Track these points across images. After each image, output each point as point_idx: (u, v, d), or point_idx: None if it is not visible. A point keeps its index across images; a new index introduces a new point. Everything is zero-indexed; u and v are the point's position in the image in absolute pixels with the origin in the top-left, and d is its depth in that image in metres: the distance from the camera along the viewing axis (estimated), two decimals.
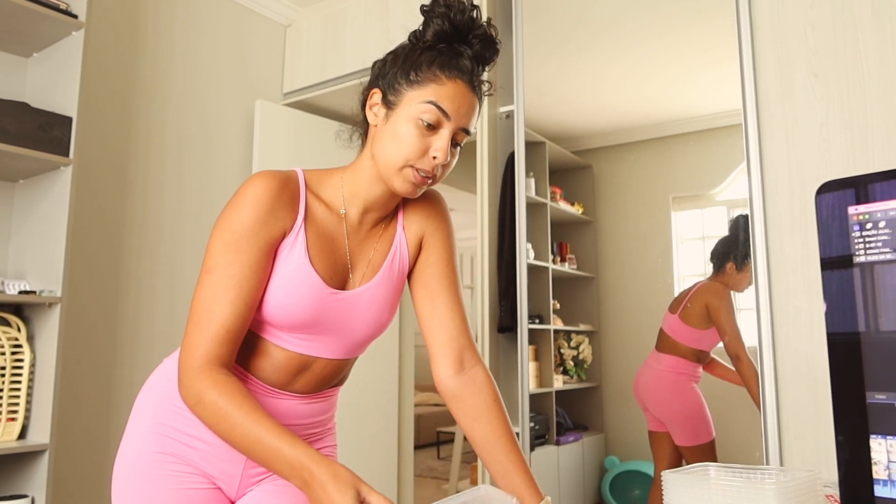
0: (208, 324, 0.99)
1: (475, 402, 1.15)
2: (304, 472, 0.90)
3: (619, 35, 2.61)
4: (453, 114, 1.05)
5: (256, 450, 0.93)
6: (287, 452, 0.92)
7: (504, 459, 1.11)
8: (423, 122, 1.04)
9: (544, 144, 2.71)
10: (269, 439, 0.93)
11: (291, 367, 1.11)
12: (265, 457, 0.93)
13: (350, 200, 1.14)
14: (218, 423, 0.96)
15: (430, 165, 1.06)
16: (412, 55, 1.08)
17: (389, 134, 1.06)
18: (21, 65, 2.40)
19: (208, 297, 1.00)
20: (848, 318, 0.67)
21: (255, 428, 0.94)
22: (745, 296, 2.15)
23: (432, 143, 1.05)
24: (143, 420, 1.14)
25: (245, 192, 1.04)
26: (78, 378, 2.45)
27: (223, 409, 0.95)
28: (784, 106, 1.95)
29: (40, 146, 2.09)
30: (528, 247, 2.55)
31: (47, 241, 2.18)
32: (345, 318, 1.12)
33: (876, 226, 0.66)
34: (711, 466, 0.96)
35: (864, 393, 0.65)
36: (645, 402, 2.38)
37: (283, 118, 3.17)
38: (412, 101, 1.05)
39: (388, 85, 1.09)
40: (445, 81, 1.05)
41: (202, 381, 0.97)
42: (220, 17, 3.09)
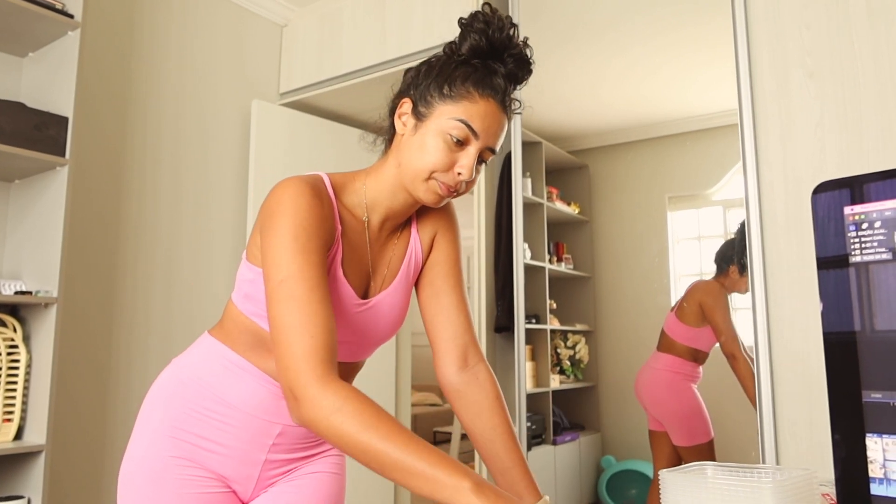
0: (307, 331, 0.91)
1: (477, 398, 1.17)
2: (477, 479, 0.83)
3: (615, 36, 2.62)
4: (482, 133, 1.05)
5: (415, 461, 0.84)
6: (453, 463, 0.84)
7: (504, 456, 1.12)
8: (452, 137, 1.04)
9: (541, 144, 2.71)
10: (428, 455, 0.84)
11: None
12: (424, 468, 0.83)
13: (372, 207, 1.13)
14: (361, 432, 0.85)
15: (454, 181, 1.06)
16: (446, 68, 1.07)
17: (417, 145, 1.06)
18: (17, 64, 2.39)
19: (295, 306, 0.93)
20: (844, 317, 0.67)
21: (410, 441, 0.85)
22: (740, 295, 2.16)
23: (459, 158, 1.05)
24: (154, 422, 1.12)
25: (292, 200, 0.99)
26: (74, 379, 2.44)
27: (374, 417, 0.86)
28: (779, 106, 1.95)
29: (36, 146, 2.09)
30: (525, 247, 2.55)
31: (43, 242, 2.17)
32: (368, 325, 1.12)
33: (872, 226, 0.66)
34: (708, 465, 0.97)
35: (860, 392, 0.65)
36: (644, 402, 2.38)
37: (279, 118, 3.17)
38: (443, 115, 1.05)
39: (420, 96, 1.08)
40: (478, 100, 1.05)
41: (336, 391, 0.88)
42: (216, 17, 3.08)
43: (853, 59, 1.84)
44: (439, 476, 0.82)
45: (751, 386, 1.98)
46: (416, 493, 0.86)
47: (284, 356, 0.91)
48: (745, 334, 2.10)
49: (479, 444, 1.15)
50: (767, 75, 1.98)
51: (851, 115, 1.83)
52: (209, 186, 2.97)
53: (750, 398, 1.99)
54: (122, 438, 2.56)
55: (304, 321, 0.92)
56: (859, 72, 1.83)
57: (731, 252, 2.23)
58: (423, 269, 1.23)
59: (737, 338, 2.16)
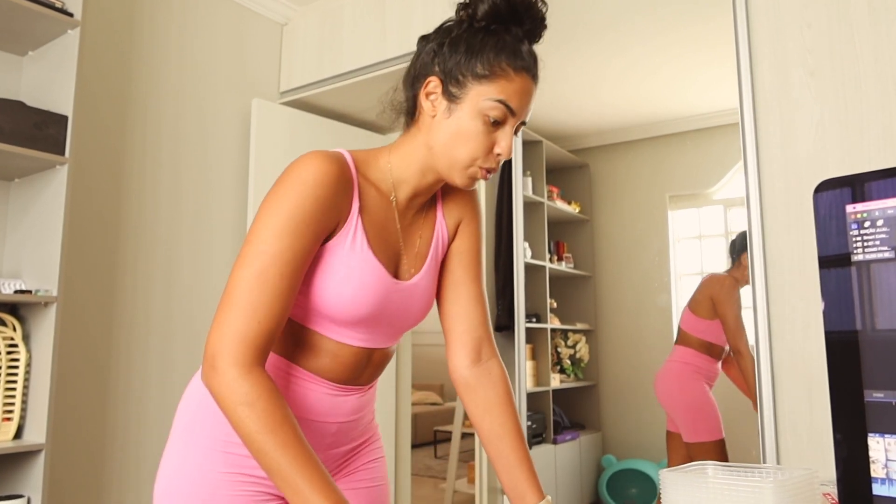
0: (258, 313, 0.91)
1: (488, 394, 1.17)
2: None
3: (616, 35, 2.61)
4: (518, 110, 1.04)
5: (293, 478, 0.87)
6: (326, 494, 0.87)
7: (510, 454, 1.13)
8: (490, 118, 1.02)
9: (541, 143, 2.71)
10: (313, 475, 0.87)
11: (358, 362, 1.08)
12: (298, 488, 0.87)
13: (399, 186, 1.10)
14: (262, 433, 0.88)
15: (495, 162, 1.06)
16: (473, 41, 1.04)
17: (455, 130, 1.04)
18: (17, 63, 2.39)
19: (258, 282, 0.92)
20: (846, 316, 0.67)
21: (304, 457, 0.88)
22: (742, 294, 2.16)
23: (497, 139, 1.04)
24: (202, 438, 1.06)
25: (304, 174, 0.97)
26: (74, 377, 2.44)
27: (278, 423, 0.89)
28: (780, 105, 1.95)
29: (36, 145, 2.09)
30: (525, 245, 2.55)
31: (43, 240, 2.17)
32: (402, 308, 1.10)
33: (874, 224, 0.66)
34: (709, 465, 0.96)
35: (862, 391, 0.65)
36: (658, 397, 2.36)
37: (279, 117, 3.16)
38: (479, 96, 1.02)
39: (450, 75, 1.04)
40: (514, 77, 1.03)
41: (254, 385, 0.90)
42: (216, 16, 3.08)
43: (854, 58, 1.83)
44: (312, 500, 0.86)
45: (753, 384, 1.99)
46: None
47: (223, 325, 0.91)
48: (747, 332, 2.10)
49: (486, 441, 1.16)
50: (768, 74, 1.98)
51: (852, 113, 1.82)
52: (209, 185, 2.97)
53: (750, 396, 1.99)
54: (122, 437, 2.56)
55: (258, 303, 0.92)
56: (860, 70, 1.82)
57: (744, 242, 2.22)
58: (446, 256, 1.21)
59: (744, 334, 2.15)
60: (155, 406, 2.68)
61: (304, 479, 0.86)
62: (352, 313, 1.02)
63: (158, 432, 2.68)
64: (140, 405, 2.63)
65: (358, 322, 1.04)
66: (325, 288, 1.00)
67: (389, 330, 1.10)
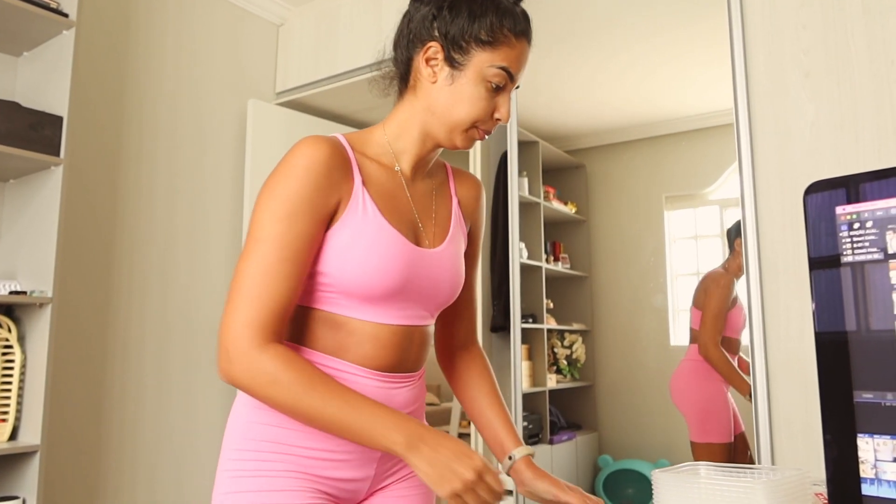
0: (263, 297, 0.93)
1: (470, 370, 1.27)
2: (413, 434, 0.90)
3: (611, 35, 2.62)
4: (517, 75, 1.07)
5: (352, 421, 0.90)
6: (390, 417, 0.91)
7: (487, 413, 1.22)
8: (493, 84, 1.04)
9: (537, 144, 2.71)
10: (368, 407, 0.91)
11: (401, 343, 1.06)
12: (362, 427, 0.90)
13: (400, 155, 1.11)
14: (300, 400, 0.90)
15: (493, 126, 1.09)
16: (474, 6, 1.05)
17: (457, 94, 1.05)
18: (11, 64, 2.38)
19: (261, 269, 0.93)
20: (836, 317, 0.67)
21: (349, 398, 0.91)
22: (738, 293, 2.16)
23: (498, 104, 1.07)
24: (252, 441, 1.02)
25: (297, 157, 0.98)
26: (69, 379, 2.44)
27: (306, 383, 0.90)
28: (775, 105, 1.95)
29: (31, 146, 2.08)
30: (522, 246, 2.55)
31: (38, 241, 2.17)
32: (432, 277, 1.08)
33: (863, 226, 0.66)
34: (701, 465, 0.96)
35: (852, 392, 0.65)
36: (672, 398, 2.34)
37: (275, 117, 3.16)
38: (483, 63, 1.04)
39: (453, 42, 1.04)
40: (515, 43, 1.05)
41: (273, 359, 0.91)
42: (212, 16, 3.08)
43: (849, 59, 1.84)
44: (375, 434, 0.90)
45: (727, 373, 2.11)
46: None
47: (231, 316, 0.93)
48: (741, 334, 2.10)
49: (467, 406, 1.25)
50: (763, 75, 1.98)
51: (847, 114, 1.83)
52: (205, 186, 2.97)
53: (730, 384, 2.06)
54: (117, 439, 2.56)
55: (262, 288, 0.93)
56: (855, 71, 1.83)
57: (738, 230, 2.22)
58: None
59: (713, 326, 2.16)
60: (150, 407, 2.68)
61: (357, 419, 0.90)
62: (380, 284, 1.01)
63: (153, 433, 2.68)
64: (135, 406, 2.63)
65: (389, 294, 1.02)
66: (349, 264, 0.99)
67: (422, 302, 1.08)
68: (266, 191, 0.98)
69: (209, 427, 2.87)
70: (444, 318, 1.25)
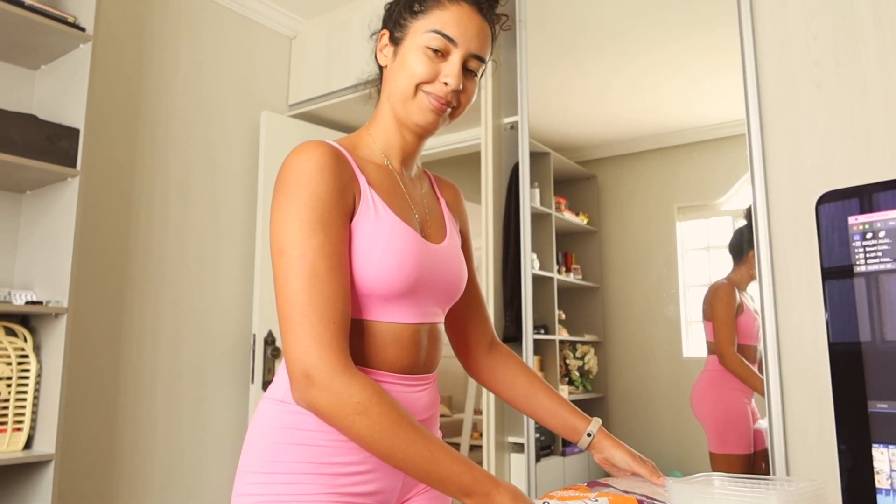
0: (329, 313, 0.89)
1: (510, 368, 1.28)
2: (484, 486, 0.89)
3: (622, 45, 2.62)
4: (460, 38, 1.03)
5: (437, 463, 0.88)
6: (469, 464, 0.90)
7: (548, 403, 1.24)
8: (430, 49, 1.02)
9: (549, 155, 2.72)
10: (445, 455, 0.89)
11: (419, 342, 1.05)
12: (440, 473, 0.89)
13: (388, 153, 1.11)
14: (386, 435, 0.87)
15: (443, 91, 1.03)
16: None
17: (398, 67, 1.05)
18: (29, 77, 2.42)
19: (315, 284, 0.89)
20: (849, 327, 0.67)
21: (430, 443, 0.89)
22: (751, 301, 2.15)
23: (442, 69, 1.03)
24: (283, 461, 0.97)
25: (304, 163, 0.96)
26: (83, 388, 2.46)
27: (395, 422, 0.88)
28: (787, 116, 1.95)
29: (48, 157, 2.11)
30: (533, 257, 2.55)
31: (54, 252, 2.19)
32: (442, 271, 1.08)
33: (876, 235, 0.66)
34: (715, 476, 0.96)
35: (866, 402, 0.65)
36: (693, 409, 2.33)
37: (288, 129, 3.19)
38: (417, 31, 1.04)
39: (395, 23, 1.08)
40: (448, 6, 1.04)
41: (363, 389, 0.88)
42: (225, 30, 3.11)
43: (860, 69, 1.84)
44: (463, 481, 0.89)
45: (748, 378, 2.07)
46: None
47: (301, 338, 0.88)
48: (758, 341, 2.08)
49: (523, 403, 1.25)
50: (775, 85, 1.98)
51: (859, 124, 1.82)
52: (218, 198, 2.99)
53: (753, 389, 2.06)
54: (131, 448, 2.57)
55: (324, 303, 0.89)
56: (867, 81, 1.82)
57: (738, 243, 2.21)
58: None
59: (726, 335, 2.15)
60: (163, 417, 2.69)
61: (440, 466, 0.89)
62: (400, 282, 0.99)
63: (166, 443, 2.69)
64: (149, 416, 2.64)
65: (407, 291, 1.01)
66: (370, 264, 0.97)
67: (434, 298, 1.08)
68: (284, 203, 0.94)
69: (221, 436, 2.88)
70: (460, 321, 1.25)
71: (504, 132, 2.68)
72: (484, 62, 1.08)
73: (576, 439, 1.22)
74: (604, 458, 1.20)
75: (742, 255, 2.19)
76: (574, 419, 1.23)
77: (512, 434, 2.54)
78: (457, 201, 1.26)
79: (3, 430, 2.02)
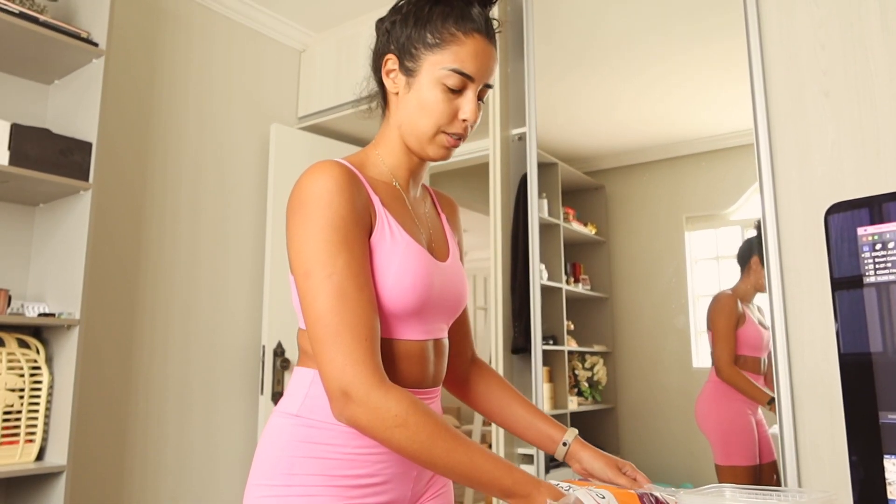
0: (362, 331, 0.91)
1: (487, 381, 1.27)
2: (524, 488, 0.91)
3: (630, 56, 2.63)
4: (476, 74, 1.03)
5: (478, 467, 0.90)
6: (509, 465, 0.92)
7: (524, 414, 1.23)
8: (448, 87, 1.02)
9: (557, 165, 2.72)
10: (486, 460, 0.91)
11: (428, 357, 1.07)
12: (481, 478, 0.90)
13: (396, 173, 1.11)
14: (426, 445, 0.89)
15: (461, 128, 1.05)
16: (421, 13, 1.05)
17: (415, 103, 1.04)
18: (43, 92, 2.45)
19: (343, 303, 0.91)
20: (859, 338, 0.67)
21: (469, 449, 0.90)
22: (761, 314, 2.14)
23: (460, 105, 1.04)
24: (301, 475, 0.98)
25: (320, 182, 0.96)
26: (95, 400, 2.47)
27: (433, 431, 0.89)
28: (795, 125, 1.95)
29: (61, 171, 2.13)
30: (542, 267, 2.55)
31: (66, 264, 2.21)
32: (448, 290, 1.09)
33: (885, 246, 0.66)
34: (727, 487, 0.96)
35: (877, 413, 0.65)
36: (697, 421, 2.31)
37: (298, 142, 3.21)
38: (434, 66, 1.03)
39: (404, 50, 1.06)
40: (464, 40, 1.02)
41: (400, 401, 0.89)
42: (235, 43, 3.14)
43: (869, 77, 1.84)
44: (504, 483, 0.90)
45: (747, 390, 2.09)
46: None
47: (336, 357, 0.89)
48: (761, 352, 2.08)
49: (499, 416, 1.25)
50: (783, 95, 1.98)
51: (868, 133, 1.82)
52: (229, 210, 3.01)
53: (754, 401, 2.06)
54: (142, 460, 2.58)
55: (355, 323, 0.91)
56: (875, 90, 1.82)
57: (745, 253, 2.22)
58: None
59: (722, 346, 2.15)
60: (174, 429, 2.70)
61: (481, 471, 0.90)
62: (413, 301, 1.01)
63: (177, 454, 2.70)
64: (159, 427, 2.65)
65: (419, 310, 1.03)
66: (384, 285, 0.98)
67: (441, 314, 1.09)
68: (305, 224, 0.95)
69: (231, 448, 2.88)
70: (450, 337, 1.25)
71: (512, 143, 2.69)
72: (491, 87, 1.09)
73: (552, 450, 1.20)
74: (582, 469, 1.18)
75: (745, 263, 2.19)
76: (550, 429, 1.21)
77: (521, 445, 2.53)
78: (454, 216, 1.27)
79: (16, 442, 2.03)
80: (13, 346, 2.09)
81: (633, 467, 1.15)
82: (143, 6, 2.78)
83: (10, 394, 2.02)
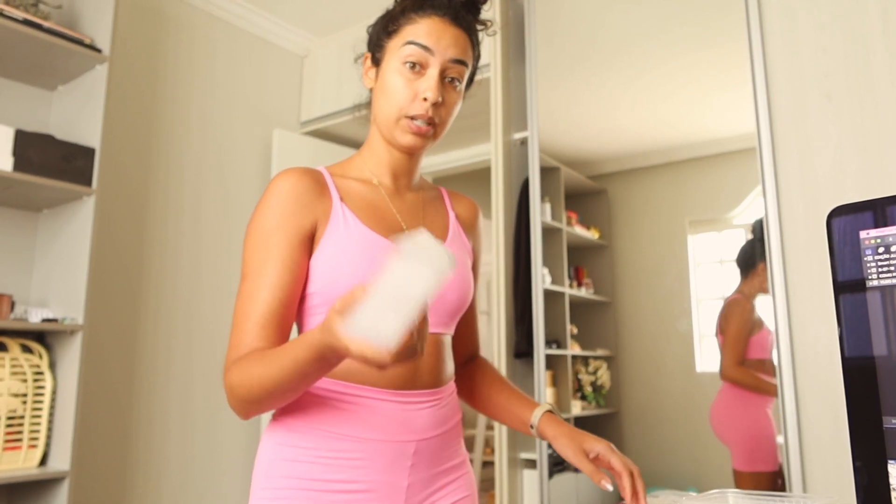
0: (245, 323, 0.96)
1: (478, 375, 1.25)
2: (323, 348, 0.82)
3: (631, 60, 2.63)
4: (435, 46, 1.03)
5: (290, 372, 0.86)
6: (302, 347, 0.85)
7: (502, 400, 1.19)
8: (407, 64, 1.04)
9: (559, 169, 2.72)
10: (285, 354, 0.87)
11: None
12: (293, 373, 0.86)
13: (377, 170, 1.13)
14: (256, 382, 0.89)
15: (424, 108, 1.04)
16: (388, 11, 1.11)
17: (380, 90, 1.08)
18: (46, 98, 2.46)
19: (245, 301, 0.97)
20: (863, 342, 0.67)
21: (279, 355, 0.88)
22: (765, 318, 2.13)
23: (419, 84, 1.04)
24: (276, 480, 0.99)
25: (269, 190, 1.03)
26: (98, 405, 2.47)
27: (257, 359, 0.90)
28: (798, 129, 1.95)
29: (64, 176, 2.14)
30: (545, 272, 2.55)
31: (69, 270, 2.21)
32: None
33: (888, 250, 0.66)
34: (730, 492, 0.95)
35: (881, 418, 0.64)
36: (713, 427, 2.28)
37: (300, 147, 3.21)
38: (393, 49, 1.06)
39: (374, 45, 1.12)
40: (419, 20, 1.05)
41: (235, 366, 0.93)
42: (238, 49, 3.15)
43: (871, 80, 1.83)
44: (305, 355, 0.84)
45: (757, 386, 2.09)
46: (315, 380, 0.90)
47: (226, 354, 0.97)
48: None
49: (485, 408, 1.22)
50: (785, 98, 1.98)
51: (870, 136, 1.82)
52: (231, 215, 3.02)
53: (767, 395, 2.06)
54: (144, 465, 2.58)
55: (244, 317, 0.96)
56: (877, 92, 1.82)
57: (745, 257, 2.21)
58: None
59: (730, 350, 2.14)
60: (176, 434, 2.70)
61: (293, 364, 0.86)
62: (350, 283, 0.97)
63: (180, 460, 2.70)
64: (162, 433, 2.65)
65: None
66: (340, 277, 0.99)
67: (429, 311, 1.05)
68: (247, 229, 1.03)
69: (234, 454, 2.88)
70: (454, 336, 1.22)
71: (514, 147, 2.69)
72: (466, 66, 1.08)
73: (529, 433, 1.14)
74: None
75: (751, 268, 2.18)
76: (522, 411, 1.14)
77: (524, 450, 2.52)
78: (471, 216, 1.25)
79: (19, 447, 2.03)
80: (16, 351, 2.09)
81: (608, 447, 1.07)
82: (146, 12, 2.79)
83: (13, 399, 2.02)
